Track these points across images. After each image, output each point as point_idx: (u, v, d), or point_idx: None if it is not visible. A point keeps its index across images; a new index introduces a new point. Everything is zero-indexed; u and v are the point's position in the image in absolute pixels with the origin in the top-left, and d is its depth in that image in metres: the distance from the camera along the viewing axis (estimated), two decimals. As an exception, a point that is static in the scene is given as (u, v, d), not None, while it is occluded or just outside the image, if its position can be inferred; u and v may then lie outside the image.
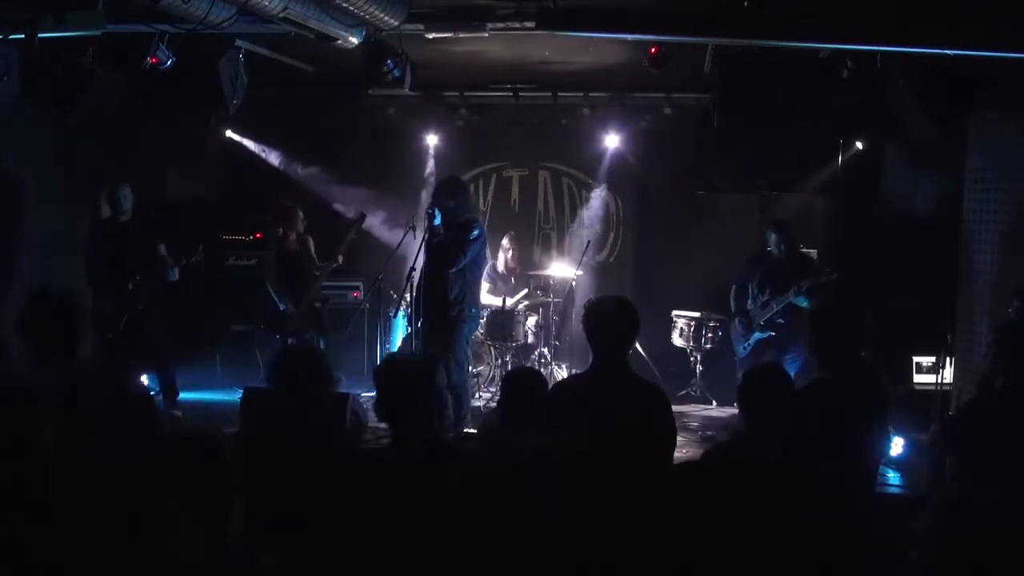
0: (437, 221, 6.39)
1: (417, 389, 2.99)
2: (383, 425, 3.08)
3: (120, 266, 6.91)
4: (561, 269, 8.46)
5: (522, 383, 3.81)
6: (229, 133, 9.04)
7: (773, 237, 7.10)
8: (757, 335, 7.04)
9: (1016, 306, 5.33)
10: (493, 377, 8.05)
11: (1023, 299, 5.26)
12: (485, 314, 7.78)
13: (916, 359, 6.92)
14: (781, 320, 6.92)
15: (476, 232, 6.56)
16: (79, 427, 2.74)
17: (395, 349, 8.26)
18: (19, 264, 7.20)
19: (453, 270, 6.48)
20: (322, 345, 7.75)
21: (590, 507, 3.34)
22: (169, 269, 6.99)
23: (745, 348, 7.15)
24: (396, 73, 6.20)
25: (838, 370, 3.77)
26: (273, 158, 9.26)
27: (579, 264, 8.18)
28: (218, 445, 2.36)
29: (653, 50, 6.14)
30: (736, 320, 7.22)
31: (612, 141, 8.97)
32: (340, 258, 7.48)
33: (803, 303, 6.76)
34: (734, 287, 7.31)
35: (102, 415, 2.82)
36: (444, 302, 6.51)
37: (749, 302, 7.12)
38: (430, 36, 5.94)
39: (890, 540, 2.56)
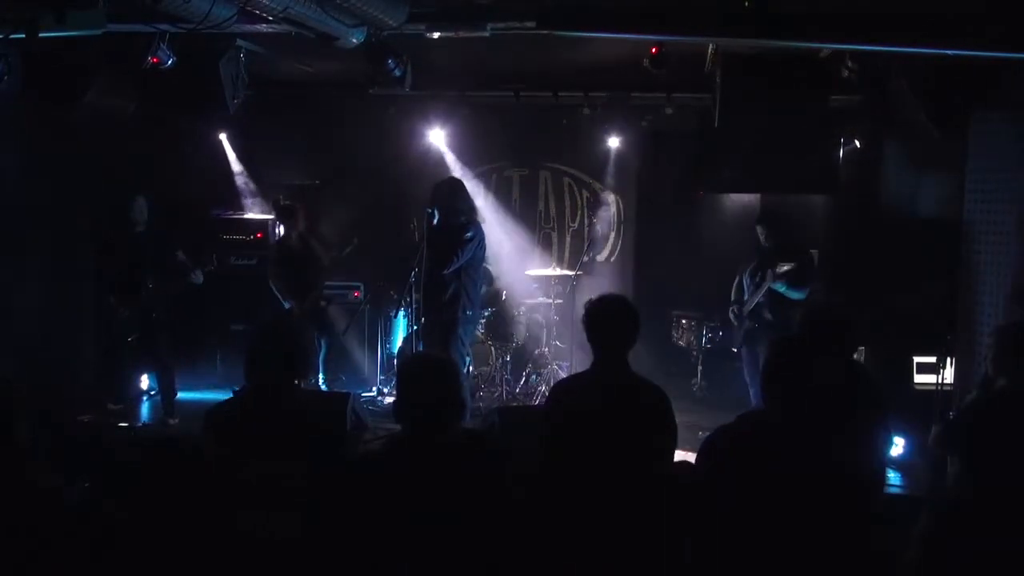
0: (435, 221, 6.39)
1: (450, 388, 2.88)
2: (382, 426, 3.05)
3: (135, 273, 6.97)
4: (561, 269, 8.47)
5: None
6: (221, 137, 9.04)
7: (759, 229, 7.11)
8: (745, 324, 7.04)
9: (1015, 308, 5.33)
10: (493, 378, 8.05)
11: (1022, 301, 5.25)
12: (484, 315, 7.78)
13: (916, 359, 6.92)
14: (768, 315, 6.87)
15: (471, 233, 6.55)
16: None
17: (395, 349, 8.27)
18: (28, 264, 7.24)
19: (447, 271, 6.47)
20: (324, 345, 7.78)
21: (593, 506, 3.35)
22: (192, 273, 7.09)
23: (739, 342, 7.15)
24: (397, 73, 6.21)
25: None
26: (271, 158, 9.26)
27: (579, 264, 8.19)
28: (199, 448, 2.39)
29: (654, 50, 6.15)
30: (730, 309, 7.20)
31: (613, 141, 8.98)
32: (355, 239, 7.49)
33: (781, 288, 6.73)
34: (735, 281, 7.31)
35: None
36: (440, 303, 6.51)
37: (745, 294, 7.14)
38: (433, 36, 5.94)
39: (890, 539, 2.56)
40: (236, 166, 9.17)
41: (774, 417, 2.84)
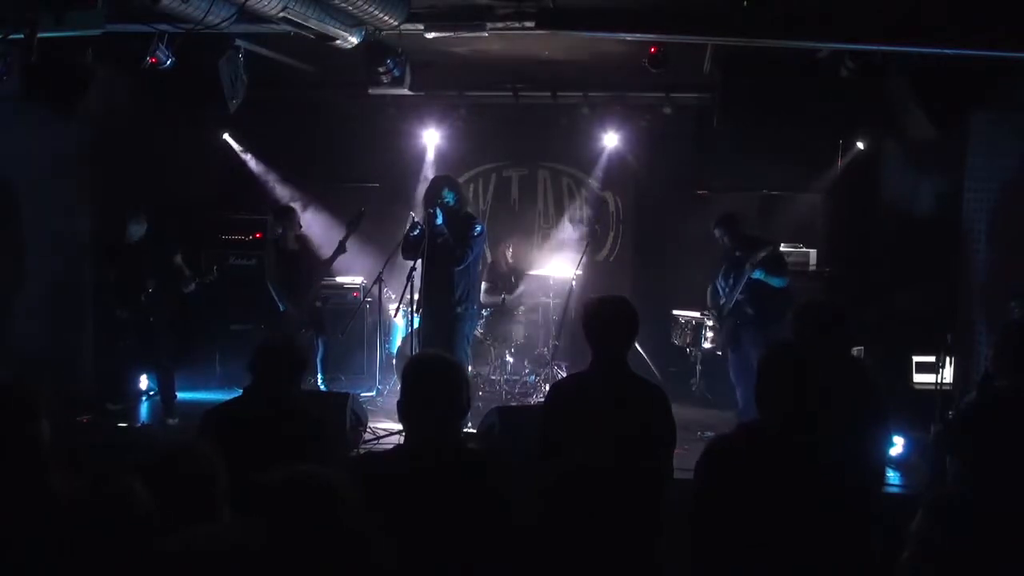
0: (439, 221, 6.35)
1: (453, 388, 2.81)
2: (382, 426, 3.03)
3: (134, 278, 6.98)
4: (561, 269, 8.46)
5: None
6: (225, 137, 9.06)
7: (716, 233, 7.13)
8: (728, 323, 7.02)
9: (1014, 307, 5.33)
10: (493, 378, 8.04)
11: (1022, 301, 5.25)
12: (485, 312, 7.78)
13: (915, 358, 6.92)
14: (749, 310, 6.86)
15: (479, 228, 6.57)
16: None
17: (395, 349, 8.26)
18: (28, 264, 7.24)
19: (459, 268, 6.46)
20: (321, 345, 7.76)
21: (592, 506, 3.34)
22: (186, 281, 7.10)
23: (723, 344, 7.15)
24: (396, 73, 6.21)
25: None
26: (271, 158, 9.28)
27: (578, 264, 8.18)
28: (202, 454, 2.39)
29: (653, 50, 6.14)
30: (709, 313, 7.26)
31: (612, 141, 8.98)
32: (346, 245, 7.50)
33: (759, 275, 6.74)
34: (709, 287, 7.32)
35: None
36: (448, 300, 6.49)
37: (721, 298, 7.12)
38: (430, 36, 5.93)
39: (890, 540, 2.55)
40: (252, 164, 9.20)
41: (771, 428, 2.81)
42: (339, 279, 8.65)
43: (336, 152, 9.17)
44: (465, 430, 6.05)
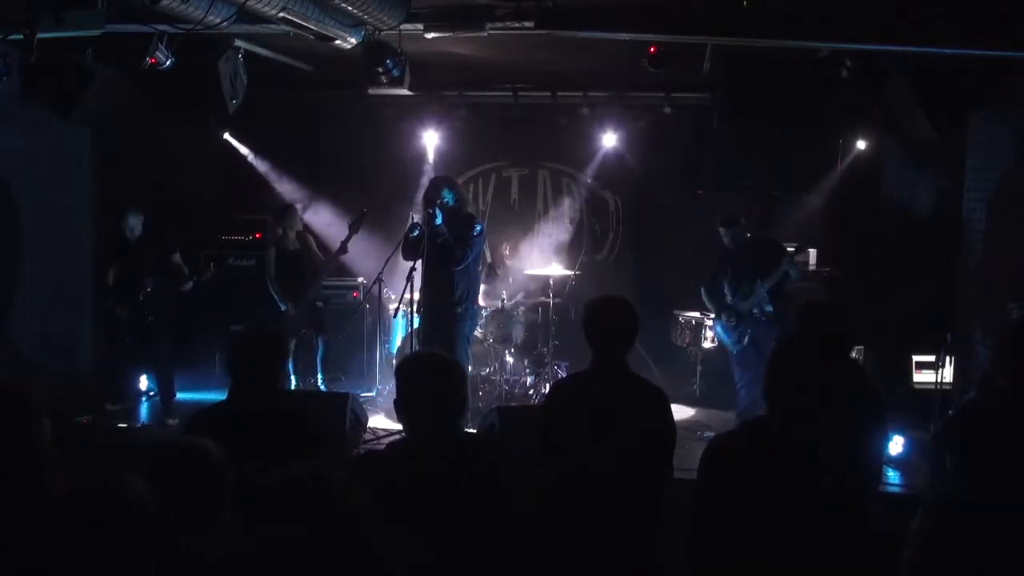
0: (439, 221, 6.35)
1: (447, 383, 2.82)
2: (382, 426, 3.02)
3: (133, 277, 7.01)
4: (560, 268, 8.46)
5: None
6: (226, 136, 9.07)
7: (722, 232, 7.10)
8: (748, 324, 6.92)
9: (1014, 308, 5.32)
10: (493, 378, 8.04)
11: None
12: (484, 313, 7.78)
13: (915, 358, 6.92)
14: (769, 308, 6.83)
15: (479, 228, 6.57)
16: None
17: (395, 349, 8.26)
18: (28, 265, 7.25)
19: (459, 268, 6.46)
20: (321, 345, 7.76)
21: (591, 506, 3.34)
22: (184, 280, 7.15)
23: (739, 344, 7.00)
24: (395, 73, 6.20)
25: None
26: (271, 158, 9.28)
27: (578, 263, 8.18)
28: (208, 453, 2.38)
29: (653, 50, 6.14)
30: (722, 316, 7.08)
31: (611, 141, 8.98)
32: (347, 247, 7.50)
33: (794, 271, 6.78)
34: (705, 289, 7.23)
35: None
36: (448, 300, 6.49)
37: (728, 298, 7.06)
38: (430, 36, 5.93)
39: (890, 540, 2.55)
40: (252, 163, 9.21)
41: (773, 426, 2.81)
42: (339, 279, 8.64)
43: (336, 152, 9.17)
44: (465, 430, 6.07)
